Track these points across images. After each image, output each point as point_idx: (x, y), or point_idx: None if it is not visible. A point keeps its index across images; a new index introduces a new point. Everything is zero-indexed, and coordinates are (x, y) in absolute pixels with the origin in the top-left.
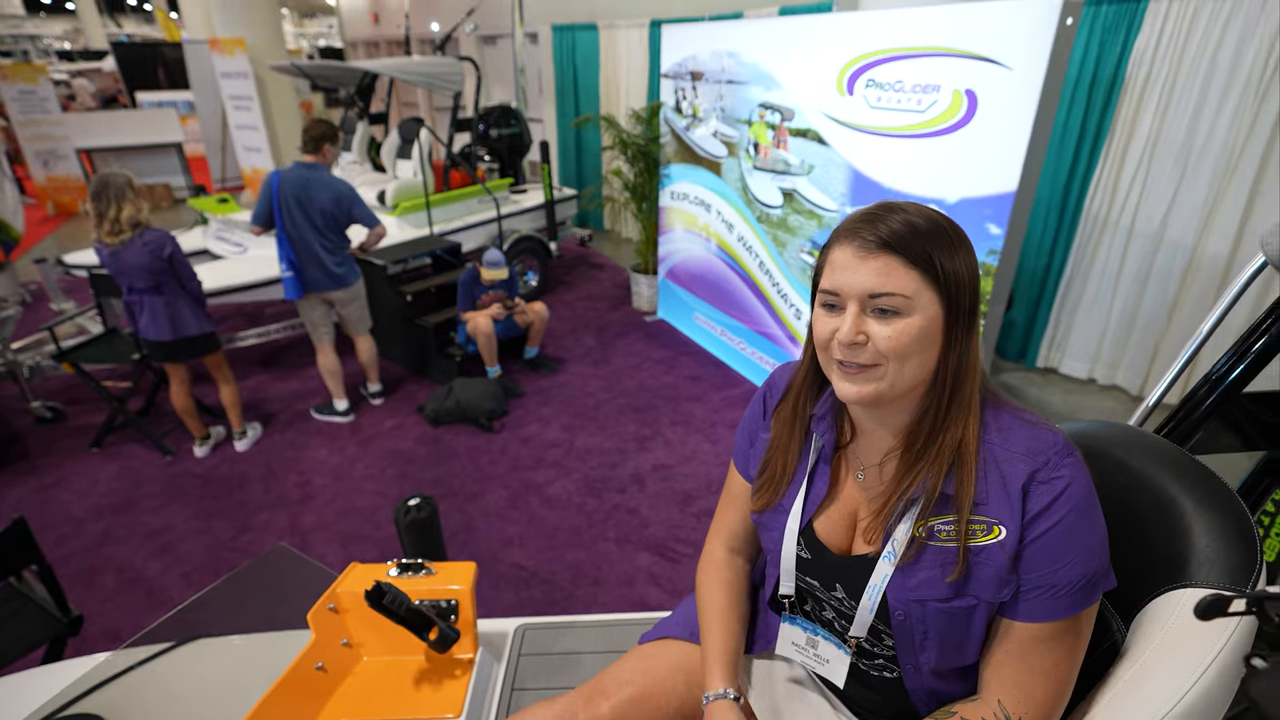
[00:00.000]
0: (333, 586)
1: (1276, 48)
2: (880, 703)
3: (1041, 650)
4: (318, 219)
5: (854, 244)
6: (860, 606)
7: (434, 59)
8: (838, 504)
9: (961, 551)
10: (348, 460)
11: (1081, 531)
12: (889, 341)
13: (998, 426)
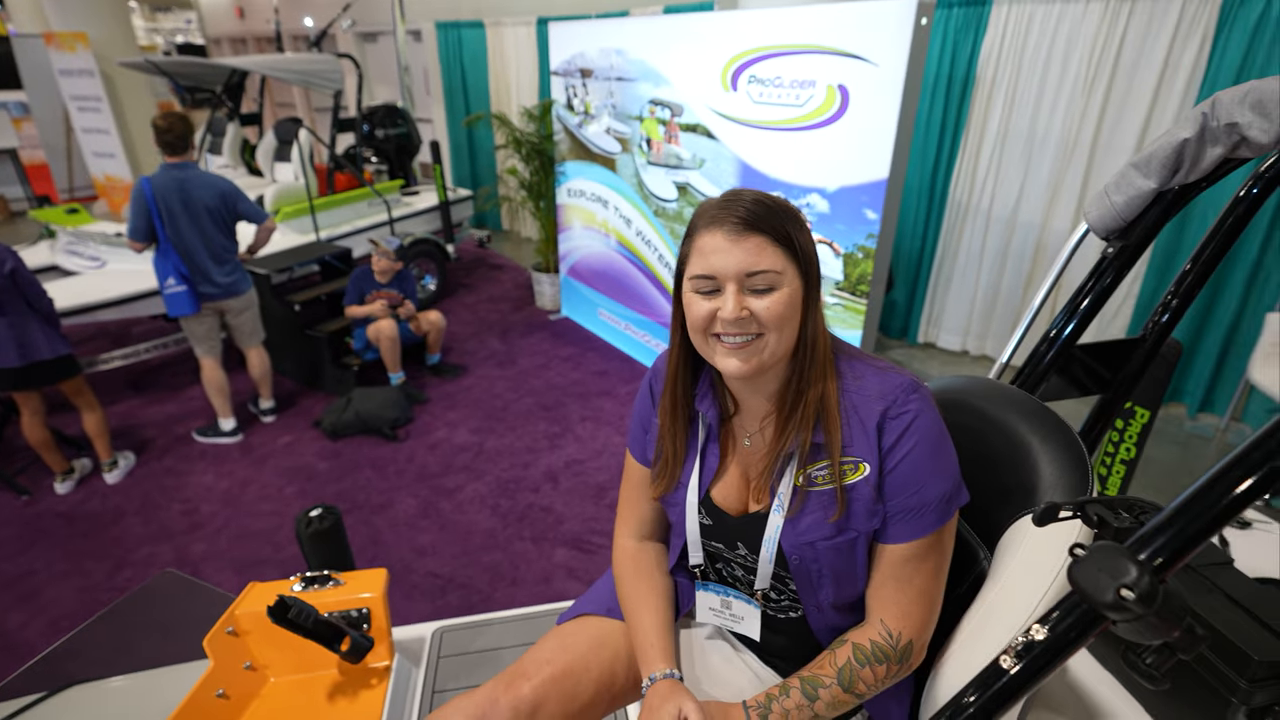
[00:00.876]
0: (230, 609)
1: (1097, 50)
2: (788, 646)
3: (911, 568)
4: (206, 221)
5: (724, 228)
6: (760, 559)
7: (310, 56)
8: (730, 471)
9: (839, 492)
10: (239, 483)
11: (932, 456)
12: (769, 312)
13: (853, 376)
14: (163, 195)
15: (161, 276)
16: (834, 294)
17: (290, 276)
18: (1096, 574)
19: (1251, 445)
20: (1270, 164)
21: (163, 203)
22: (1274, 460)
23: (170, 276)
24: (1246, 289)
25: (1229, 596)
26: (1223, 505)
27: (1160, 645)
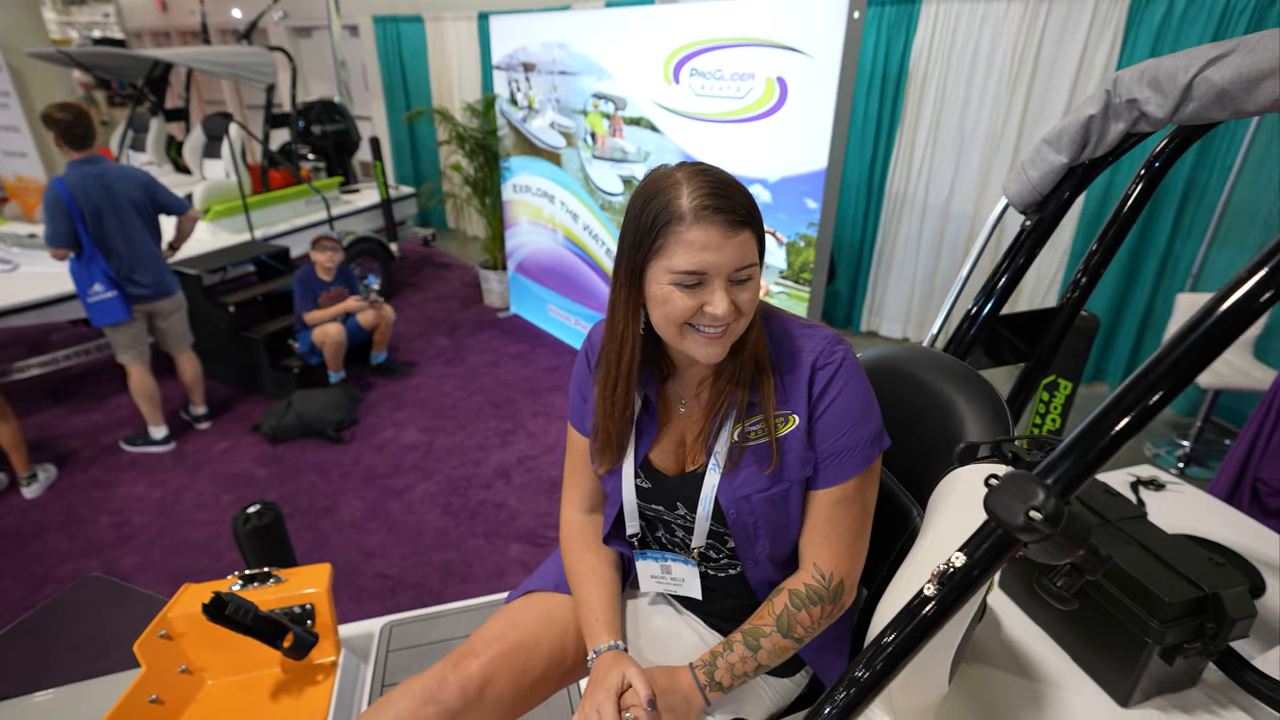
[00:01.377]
0: (163, 611)
1: (1019, 47)
2: (729, 604)
3: (839, 511)
4: (132, 217)
5: (716, 224)
6: (698, 516)
7: (240, 49)
8: (667, 436)
9: (773, 444)
10: (172, 492)
11: (856, 402)
12: (750, 303)
13: (783, 334)
14: (82, 195)
15: (85, 283)
16: (778, 283)
17: (223, 277)
18: (1008, 500)
19: (1137, 378)
20: (1167, 143)
21: (84, 203)
22: (1157, 389)
23: (97, 282)
24: (1159, 272)
25: (1143, 546)
26: (1115, 431)
27: (1069, 569)
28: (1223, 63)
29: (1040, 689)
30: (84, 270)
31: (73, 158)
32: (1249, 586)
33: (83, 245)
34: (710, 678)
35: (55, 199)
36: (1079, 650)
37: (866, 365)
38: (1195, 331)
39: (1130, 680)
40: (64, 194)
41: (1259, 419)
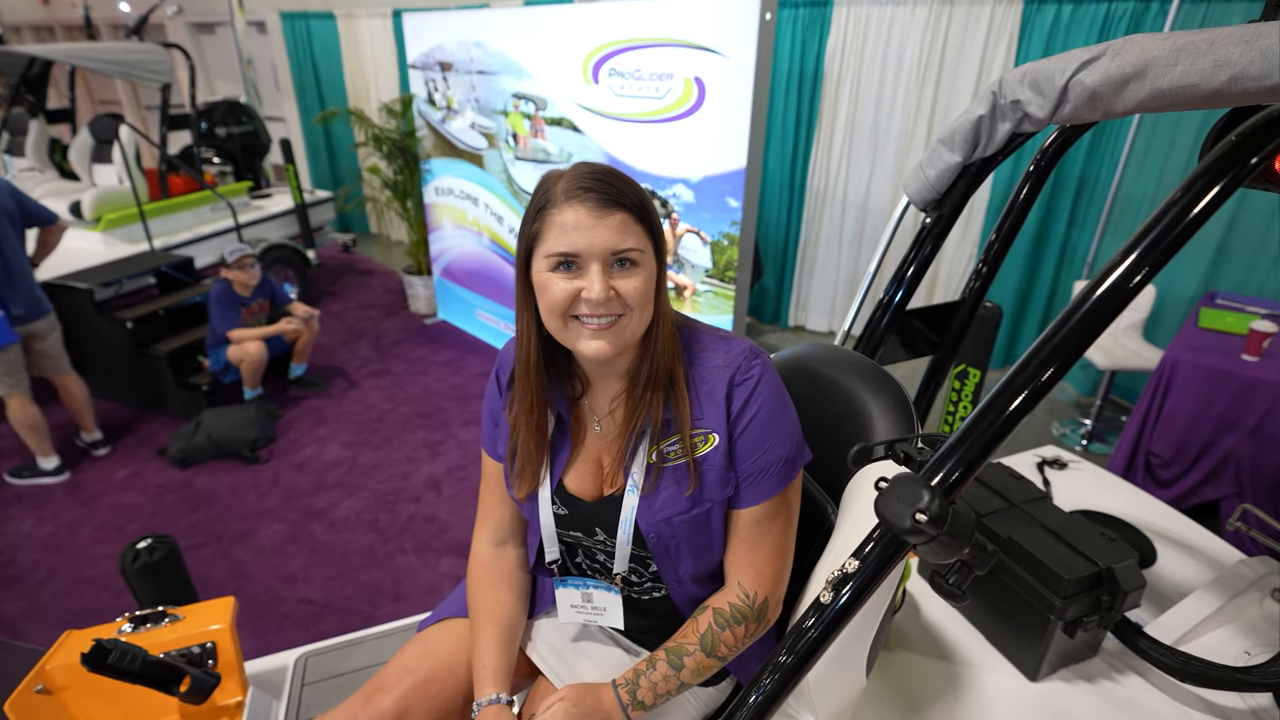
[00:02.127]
0: (39, 664)
1: (925, 49)
2: (655, 625)
3: (762, 529)
4: (6, 229)
5: (586, 204)
6: (618, 541)
7: (128, 45)
8: (582, 458)
9: (691, 465)
10: (65, 526)
11: (775, 418)
12: (635, 291)
13: (698, 347)
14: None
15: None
16: (704, 281)
17: (119, 291)
18: (896, 503)
19: (1012, 375)
20: (1052, 140)
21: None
22: (1034, 382)
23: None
24: (1059, 262)
25: (1045, 527)
26: (995, 428)
27: (959, 564)
28: (1093, 66)
29: (957, 670)
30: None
31: None
32: (1139, 558)
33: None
34: (633, 696)
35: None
36: (991, 630)
37: (779, 366)
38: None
39: (1037, 655)
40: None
41: (1148, 397)
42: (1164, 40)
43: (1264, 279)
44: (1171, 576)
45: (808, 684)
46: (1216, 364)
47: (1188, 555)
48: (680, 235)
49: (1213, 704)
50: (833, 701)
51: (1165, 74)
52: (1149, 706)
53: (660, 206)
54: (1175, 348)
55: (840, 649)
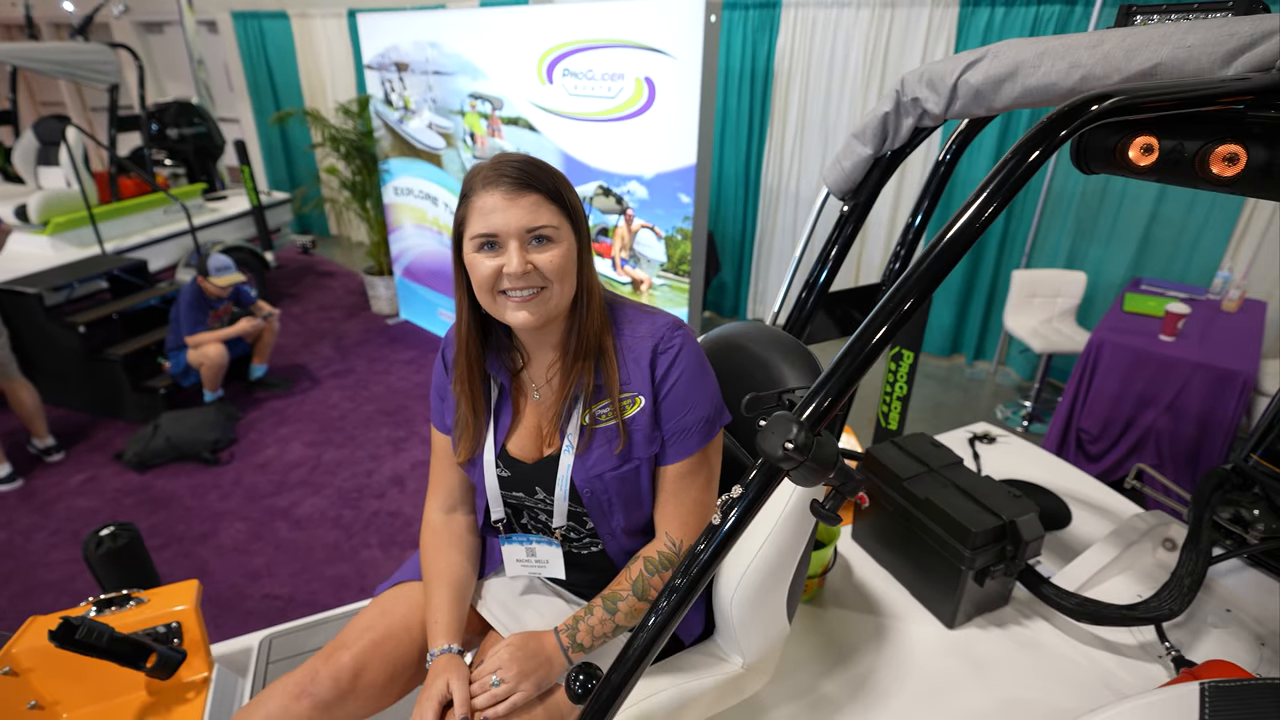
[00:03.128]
0: (5, 647)
1: (869, 50)
2: (593, 579)
3: (686, 483)
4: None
5: (500, 188)
6: (556, 497)
7: (74, 45)
8: (523, 424)
9: (621, 425)
10: (20, 533)
11: (696, 383)
12: (551, 264)
13: (625, 320)
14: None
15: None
16: (660, 275)
17: (70, 295)
18: (770, 436)
19: (871, 321)
20: (959, 132)
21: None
22: (887, 323)
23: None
24: (999, 252)
25: (958, 487)
26: (851, 368)
27: (834, 492)
28: (976, 67)
29: (883, 621)
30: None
31: None
32: (1040, 513)
33: None
34: (573, 639)
35: None
36: (914, 584)
37: (709, 341)
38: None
39: (953, 604)
40: None
41: (1077, 377)
42: (1032, 45)
43: (1185, 265)
44: (1084, 535)
45: (733, 626)
46: (1137, 344)
47: (1099, 515)
48: (635, 231)
49: (1107, 641)
50: (757, 642)
51: (1032, 74)
52: (1051, 646)
53: (615, 203)
54: (1100, 330)
55: (759, 592)
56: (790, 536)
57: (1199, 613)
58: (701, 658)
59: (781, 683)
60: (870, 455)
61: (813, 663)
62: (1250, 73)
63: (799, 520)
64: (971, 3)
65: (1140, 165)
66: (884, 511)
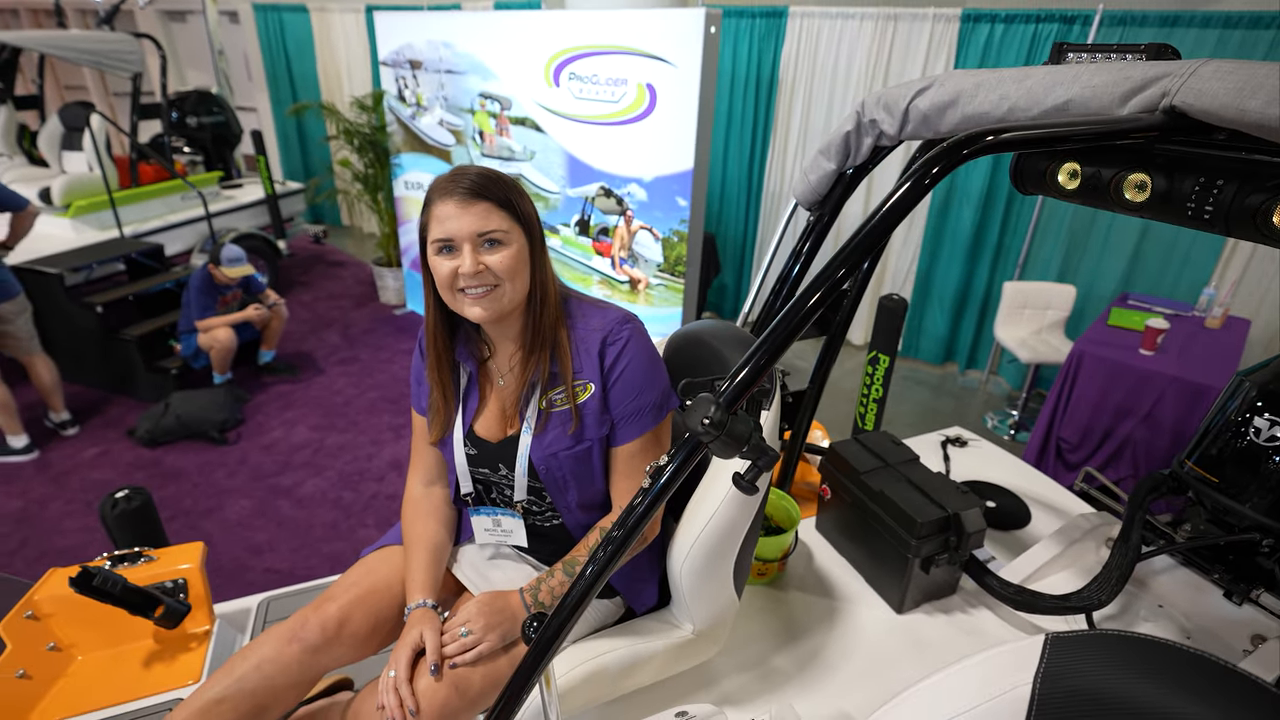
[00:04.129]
0: (29, 594)
1: (872, 60)
2: (554, 549)
3: (637, 462)
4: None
5: (454, 198)
6: (516, 473)
7: (101, 34)
8: (489, 408)
9: (573, 409)
10: (36, 502)
11: (643, 371)
12: (501, 263)
13: (580, 314)
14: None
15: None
16: (657, 275)
17: (89, 276)
18: (693, 413)
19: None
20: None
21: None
22: (791, 323)
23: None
24: (993, 265)
25: (910, 482)
26: (765, 352)
27: (751, 466)
28: (925, 94)
29: (837, 605)
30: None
31: None
32: (983, 508)
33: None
34: (535, 598)
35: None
36: (868, 571)
37: (677, 337)
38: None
39: (901, 589)
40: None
41: (1058, 387)
42: (972, 75)
43: (1175, 282)
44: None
45: (684, 594)
46: (1117, 357)
47: (1057, 516)
48: (634, 231)
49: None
50: (705, 610)
51: (969, 102)
52: (992, 632)
53: (616, 204)
54: (1082, 342)
55: (707, 563)
56: (735, 514)
57: (1133, 607)
58: (655, 624)
59: (734, 655)
60: (834, 450)
61: (766, 639)
62: (1140, 113)
63: (742, 501)
64: (972, 19)
65: (1067, 189)
66: (843, 503)
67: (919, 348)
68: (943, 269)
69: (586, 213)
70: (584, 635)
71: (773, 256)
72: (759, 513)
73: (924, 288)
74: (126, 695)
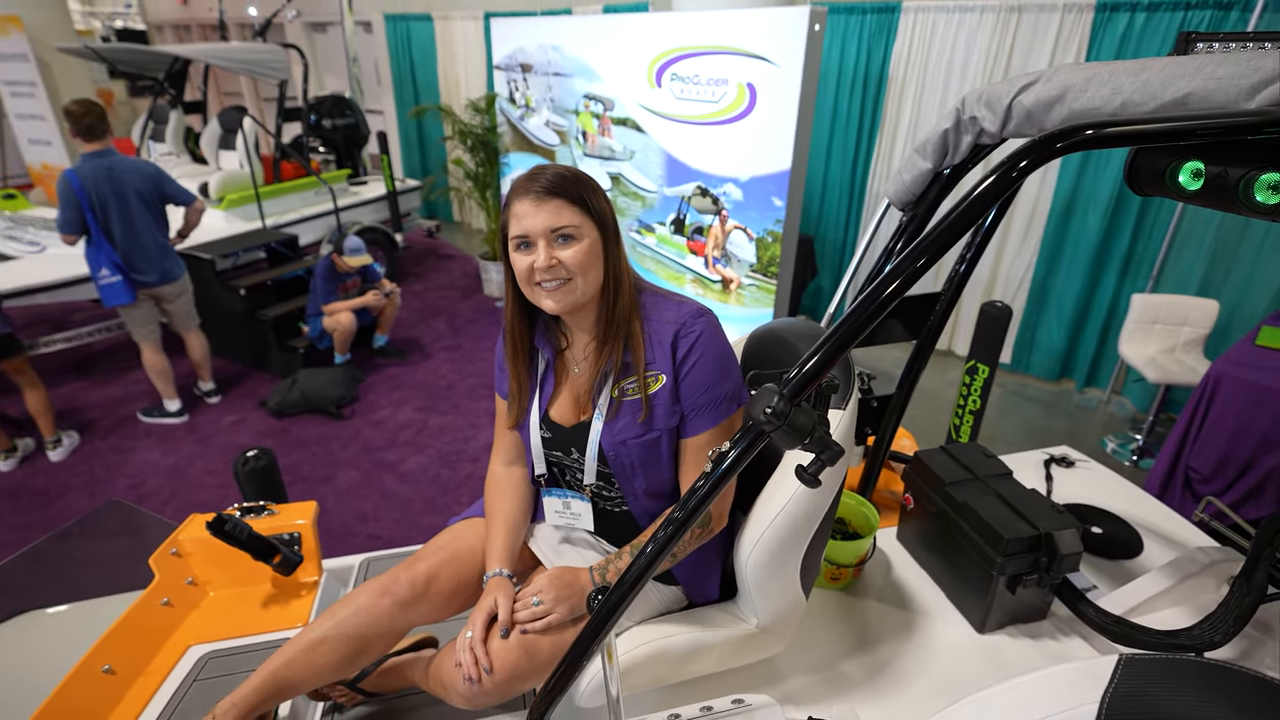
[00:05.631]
0: (174, 534)
1: (991, 56)
2: (622, 534)
3: (705, 455)
4: (136, 207)
5: (529, 197)
6: (586, 457)
7: (255, 45)
8: (564, 394)
9: (644, 399)
10: (184, 459)
11: (714, 365)
12: (574, 258)
13: (654, 307)
14: (92, 185)
15: (94, 268)
16: (749, 275)
17: (235, 262)
18: (757, 404)
19: (853, 314)
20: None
21: (93, 193)
22: (861, 316)
23: (103, 268)
24: (1121, 275)
25: (1000, 496)
26: (832, 345)
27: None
28: (1030, 89)
29: (914, 617)
30: (93, 255)
31: (86, 150)
32: (1080, 529)
33: (91, 232)
34: (603, 577)
35: (67, 188)
36: (949, 586)
37: (757, 332)
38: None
39: (983, 608)
40: (75, 184)
41: (1190, 411)
42: (1082, 70)
43: None
44: (1154, 566)
45: (749, 587)
46: (1263, 380)
47: (1173, 549)
48: (729, 231)
49: None
50: (770, 606)
51: (1078, 98)
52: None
53: (712, 204)
54: (1222, 363)
55: (773, 558)
56: (803, 511)
57: (1253, 652)
58: (719, 614)
59: (801, 655)
60: (919, 459)
61: (836, 644)
62: (1272, 106)
63: (812, 497)
64: (1108, 8)
65: (1189, 189)
66: (926, 514)
67: (1030, 362)
68: (1062, 277)
69: (682, 212)
70: (648, 617)
71: (861, 256)
72: (829, 512)
73: (1039, 297)
74: (246, 630)
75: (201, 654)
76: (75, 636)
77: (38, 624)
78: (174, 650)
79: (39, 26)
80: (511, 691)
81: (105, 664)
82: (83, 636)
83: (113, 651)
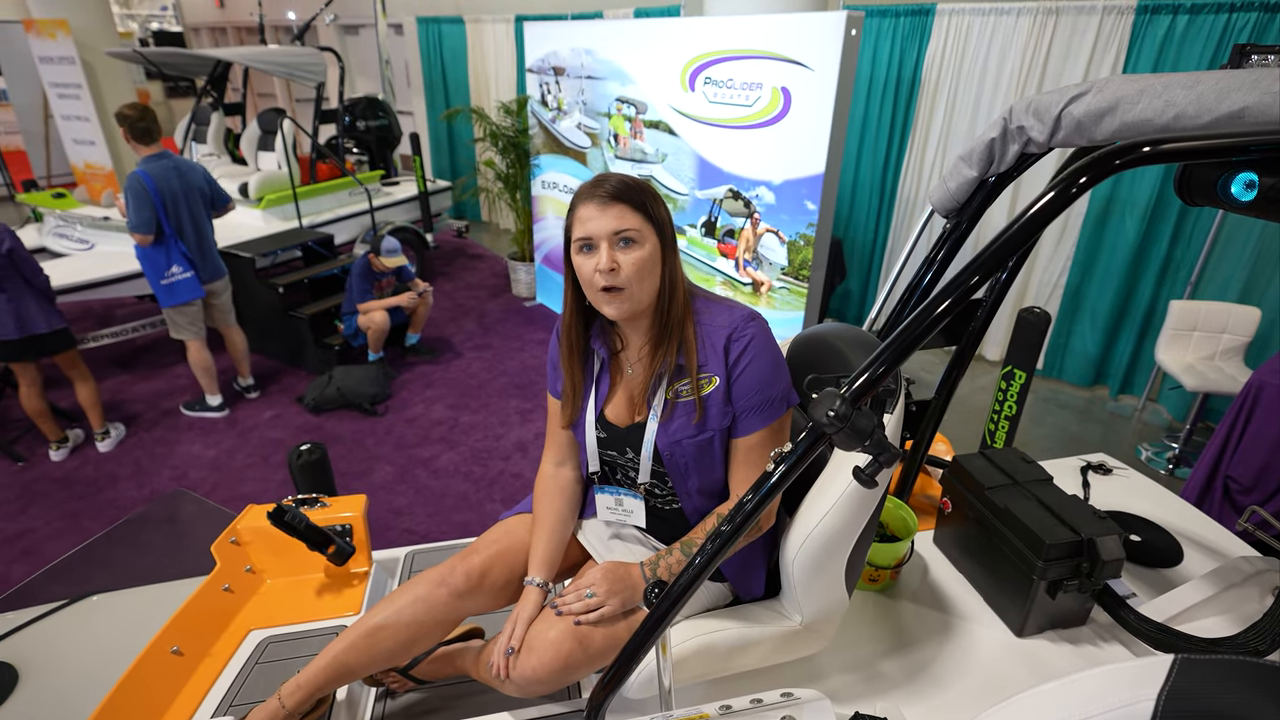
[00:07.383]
0: (234, 523)
1: (1027, 59)
2: (672, 532)
3: (756, 454)
4: (199, 205)
5: (594, 201)
6: (641, 457)
7: (293, 49)
8: (619, 395)
9: (698, 400)
10: (225, 452)
11: (766, 368)
12: (633, 264)
13: (707, 311)
14: (165, 185)
15: (162, 266)
16: (780, 279)
17: (273, 261)
18: (820, 406)
19: (913, 322)
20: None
21: (165, 192)
22: (920, 326)
23: (175, 264)
24: (1159, 281)
25: (1040, 501)
26: (891, 353)
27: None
28: (1080, 100)
29: (952, 620)
30: (161, 254)
31: (142, 152)
32: (1121, 536)
33: (165, 230)
34: (653, 572)
35: (142, 189)
36: (987, 590)
37: (802, 336)
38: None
39: (1023, 612)
40: (149, 184)
41: (1230, 420)
42: (1134, 81)
43: None
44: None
45: (794, 586)
46: None
47: (1214, 558)
48: (760, 234)
49: None
50: (814, 604)
51: (1130, 110)
52: None
53: (744, 207)
54: (1264, 371)
55: (819, 558)
56: (850, 512)
57: None
58: (765, 611)
59: (842, 654)
60: (957, 463)
61: (876, 644)
62: None
63: (859, 499)
64: (1149, 10)
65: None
66: (965, 518)
67: (1063, 368)
68: (1097, 283)
69: (714, 214)
70: (696, 612)
71: (904, 263)
72: (875, 514)
73: (1073, 302)
74: (302, 617)
75: (261, 638)
76: (139, 618)
77: (105, 607)
78: (236, 634)
79: (84, 30)
80: (564, 681)
81: (174, 645)
82: (145, 618)
83: (180, 634)
